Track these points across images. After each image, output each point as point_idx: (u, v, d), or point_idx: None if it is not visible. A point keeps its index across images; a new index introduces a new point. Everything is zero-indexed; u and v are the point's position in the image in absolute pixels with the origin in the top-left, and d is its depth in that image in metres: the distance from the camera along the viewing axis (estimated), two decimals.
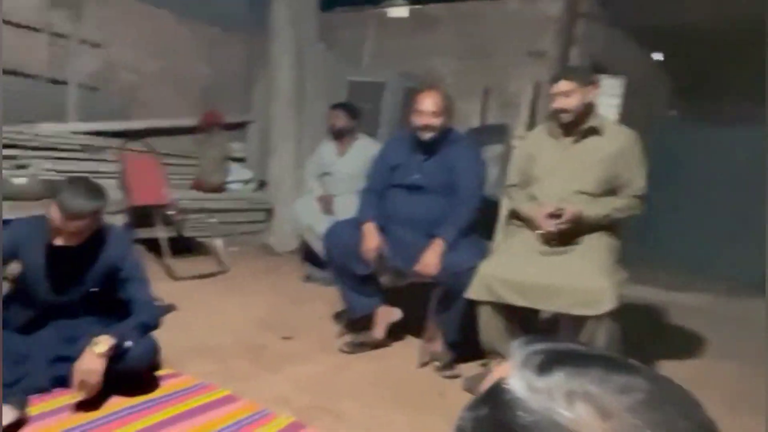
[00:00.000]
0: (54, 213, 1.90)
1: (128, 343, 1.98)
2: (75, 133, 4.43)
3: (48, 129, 4.25)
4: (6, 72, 4.11)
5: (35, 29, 4.34)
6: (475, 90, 4.85)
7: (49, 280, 2.08)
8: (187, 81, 5.46)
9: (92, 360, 1.87)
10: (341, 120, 4.11)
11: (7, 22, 4.10)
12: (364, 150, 4.05)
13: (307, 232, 4.10)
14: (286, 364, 2.55)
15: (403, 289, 2.87)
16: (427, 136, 2.67)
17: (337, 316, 3.16)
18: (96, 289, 2.16)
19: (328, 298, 3.34)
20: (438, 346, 2.67)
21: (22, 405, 1.84)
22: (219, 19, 5.54)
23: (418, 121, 2.66)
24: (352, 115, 4.13)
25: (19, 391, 1.91)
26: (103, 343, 1.90)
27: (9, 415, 1.79)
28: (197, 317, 3.07)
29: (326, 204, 4.10)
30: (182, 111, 5.27)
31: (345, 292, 2.84)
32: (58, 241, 1.95)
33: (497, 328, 2.37)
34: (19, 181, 2.90)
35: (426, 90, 2.71)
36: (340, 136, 4.15)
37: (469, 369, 2.58)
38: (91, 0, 4.65)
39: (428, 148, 2.72)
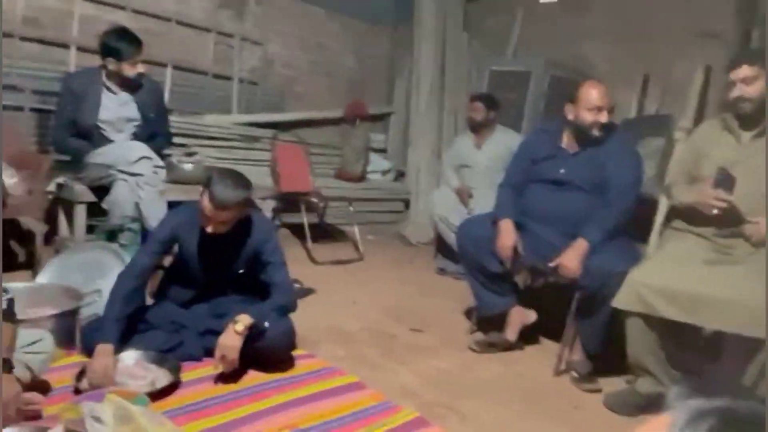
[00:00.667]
0: (205, 202, 2.06)
1: (266, 324, 2.10)
2: (236, 124, 4.83)
3: (213, 120, 4.68)
4: (181, 69, 4.60)
5: (205, 29, 4.78)
6: (632, 77, 4.42)
7: (202, 262, 2.26)
8: (336, 74, 5.69)
9: (232, 337, 2.01)
10: (479, 112, 3.99)
11: (180, 23, 4.57)
12: (503, 142, 3.89)
13: (441, 224, 4.06)
14: (414, 357, 2.53)
15: (540, 290, 2.71)
16: (597, 133, 2.45)
17: (468, 313, 3.08)
18: (242, 271, 2.31)
19: (459, 292, 3.27)
20: (577, 355, 2.48)
21: (176, 370, 2.03)
22: (366, 13, 5.69)
23: (587, 117, 2.42)
24: (490, 106, 3.99)
25: (174, 357, 2.11)
26: (242, 322, 2.02)
27: (164, 378, 1.99)
28: (332, 302, 3.18)
29: (463, 196, 4.02)
30: (331, 103, 5.51)
31: (477, 288, 2.75)
32: (209, 229, 2.11)
33: (647, 344, 2.11)
34: (187, 166, 3.21)
35: (591, 82, 2.48)
36: (477, 128, 4.04)
37: (611, 384, 2.36)
38: (252, 0, 5.01)
39: (577, 142, 2.52)
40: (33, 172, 2.90)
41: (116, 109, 3.05)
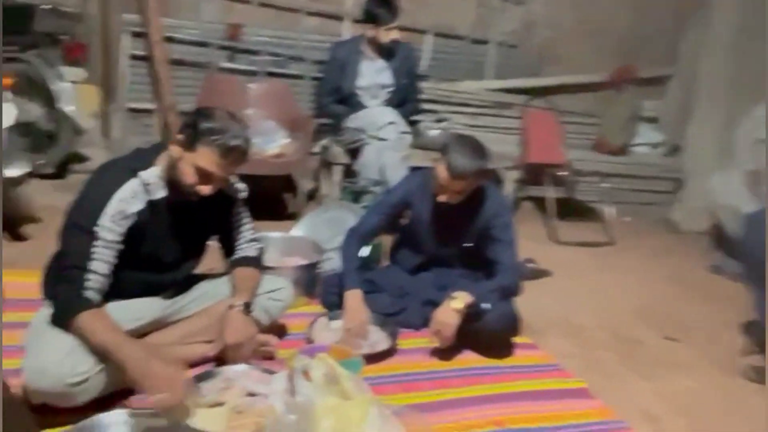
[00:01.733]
0: (441, 171, 1.99)
1: (485, 305, 1.97)
2: (489, 90, 4.70)
3: (466, 86, 4.63)
4: (440, 35, 4.63)
5: None
6: None
7: (431, 230, 2.23)
8: (604, 33, 5.07)
9: (448, 313, 1.94)
10: None
11: None
12: None
13: (724, 212, 3.34)
14: (663, 372, 2.13)
15: None
16: None
17: (747, 328, 2.47)
18: (470, 245, 2.21)
19: (737, 299, 2.65)
20: None
21: (395, 336, 2.06)
22: None
23: None
24: None
25: (394, 322, 2.15)
26: (460, 299, 1.93)
27: (384, 343, 2.04)
28: (569, 289, 2.89)
29: (756, 181, 3.22)
30: (593, 66, 4.95)
31: (759, 299, 2.17)
32: (441, 198, 2.05)
33: None
34: (433, 133, 3.24)
35: None
36: None
37: None
38: None
39: None
40: (303, 134, 3.24)
41: (372, 75, 3.20)
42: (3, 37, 2.91)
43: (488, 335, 2.02)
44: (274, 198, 3.39)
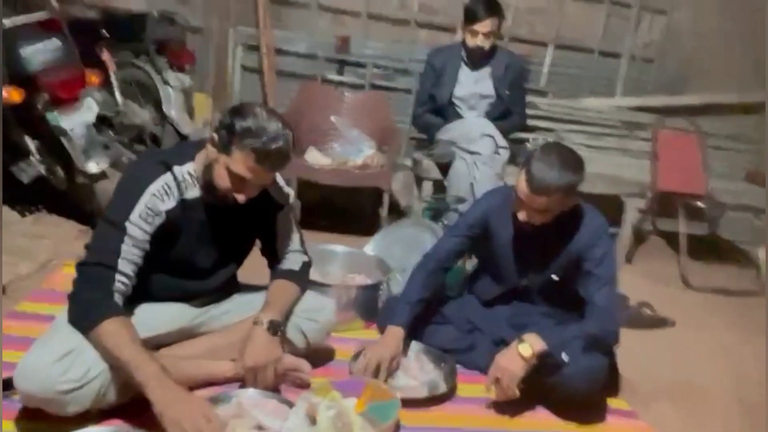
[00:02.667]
0: (520, 184, 1.66)
1: (565, 357, 1.58)
2: (619, 108, 4.17)
3: (590, 104, 4.15)
4: (563, 47, 4.21)
5: (598, 1, 4.24)
6: None
7: (513, 257, 1.87)
8: (761, 44, 4.29)
9: (513, 360, 1.58)
10: None
11: None
12: None
13: None
14: None
15: None
16: None
17: None
18: (556, 277, 1.83)
19: None
20: None
21: (452, 377, 1.74)
22: None
23: None
24: None
25: (457, 360, 1.82)
26: (529, 345, 1.57)
27: (440, 385, 1.72)
28: (695, 344, 2.33)
29: None
30: (750, 83, 4.19)
31: None
32: (521, 216, 1.70)
33: None
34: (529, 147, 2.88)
35: None
36: None
37: None
38: None
39: None
40: (392, 147, 3.04)
41: (471, 85, 2.92)
42: (120, 43, 3.10)
43: (565, 393, 1.62)
44: (355, 211, 3.20)
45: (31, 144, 2.40)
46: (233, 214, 1.54)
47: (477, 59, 2.85)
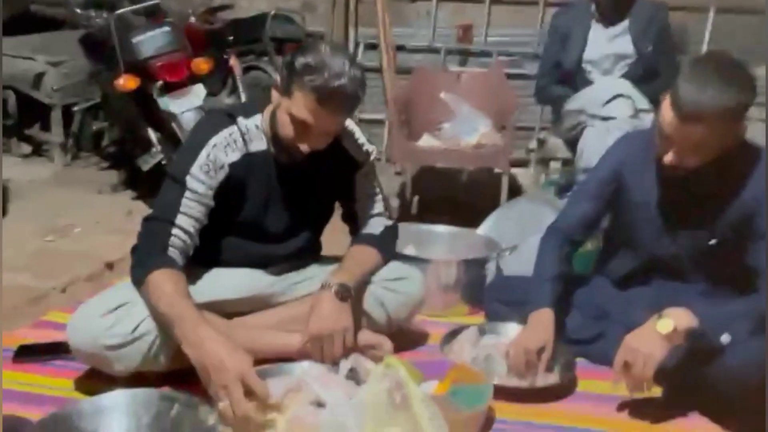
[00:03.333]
0: (665, 111, 1.26)
1: (725, 337, 1.15)
2: None
3: (762, 73, 3.43)
4: (724, 11, 3.57)
5: None
6: None
7: (656, 218, 1.44)
8: None
9: (650, 339, 1.19)
10: None
11: None
12: None
13: None
14: None
15: None
16: None
17: None
18: (716, 242, 1.37)
19: None
20: None
21: (568, 370, 1.38)
22: None
23: None
24: None
25: (578, 351, 1.46)
26: (672, 319, 1.17)
27: (550, 377, 1.37)
28: None
29: None
30: None
31: None
32: (668, 159, 1.29)
33: None
34: None
35: None
36: None
37: None
38: None
39: None
40: (510, 125, 2.72)
41: (604, 45, 2.49)
42: (242, 45, 3.19)
43: (728, 386, 1.17)
44: (476, 204, 2.91)
45: (153, 135, 2.51)
46: (305, 172, 1.39)
47: (611, 12, 2.44)
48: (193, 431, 1.06)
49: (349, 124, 1.44)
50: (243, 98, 3.04)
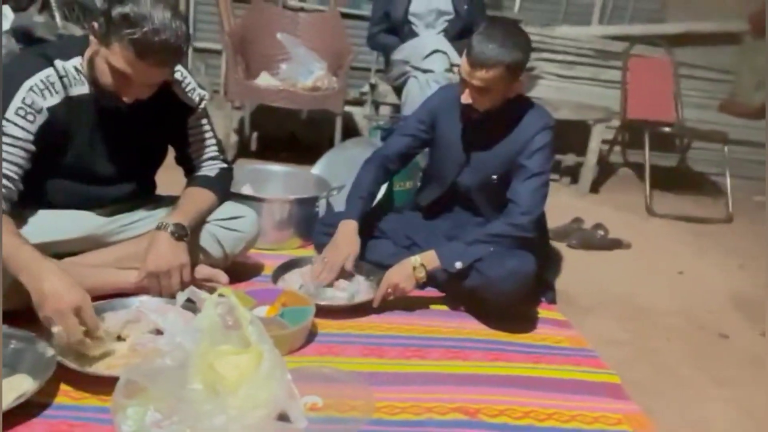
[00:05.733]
0: (463, 60, 1.53)
1: (458, 264, 1.55)
2: (596, 37, 3.99)
3: (564, 32, 3.96)
4: None
5: None
6: None
7: (456, 153, 1.74)
8: None
9: (402, 274, 1.58)
10: None
11: None
12: None
13: None
14: (747, 377, 1.53)
15: None
16: None
17: None
18: (495, 178, 1.71)
19: None
20: None
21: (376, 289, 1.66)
22: None
23: None
24: None
25: (382, 273, 1.74)
26: (420, 261, 1.57)
27: (364, 294, 1.64)
28: (645, 266, 2.27)
29: None
30: (732, 12, 4.02)
31: None
32: (464, 98, 1.57)
33: None
34: None
35: None
36: None
37: None
38: None
39: None
40: (343, 68, 2.87)
41: (427, 1, 2.74)
42: None
43: (490, 299, 1.56)
44: (313, 142, 3.08)
45: None
46: (132, 116, 1.38)
47: None
48: (33, 364, 1.13)
49: (179, 69, 1.47)
50: (57, 18, 2.78)
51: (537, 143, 1.60)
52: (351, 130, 3.44)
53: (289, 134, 3.40)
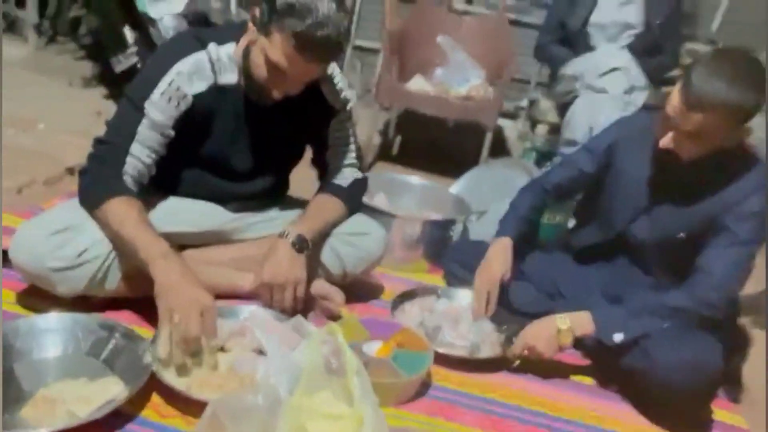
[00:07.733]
0: (673, 97, 1.22)
1: (617, 337, 1.24)
2: None
3: None
4: None
5: None
6: None
7: (637, 194, 1.42)
8: None
9: (543, 336, 1.30)
10: None
11: None
12: None
13: None
14: None
15: None
16: None
17: None
18: (684, 235, 1.37)
19: None
20: None
21: (509, 344, 1.40)
22: None
23: None
24: None
25: (519, 324, 1.47)
26: (568, 323, 1.26)
27: (489, 349, 1.40)
28: None
29: None
30: None
31: None
32: (664, 142, 1.25)
33: None
34: None
35: None
36: None
37: None
38: None
39: None
40: (503, 79, 2.63)
41: (614, 10, 2.39)
42: None
43: (655, 386, 1.23)
44: (458, 154, 2.86)
45: (129, 35, 2.37)
46: (277, 112, 1.31)
47: None
48: (127, 365, 1.06)
49: (331, 67, 1.36)
50: (233, 4, 2.87)
51: (753, 205, 1.26)
52: (498, 145, 3.18)
53: (433, 142, 3.23)
